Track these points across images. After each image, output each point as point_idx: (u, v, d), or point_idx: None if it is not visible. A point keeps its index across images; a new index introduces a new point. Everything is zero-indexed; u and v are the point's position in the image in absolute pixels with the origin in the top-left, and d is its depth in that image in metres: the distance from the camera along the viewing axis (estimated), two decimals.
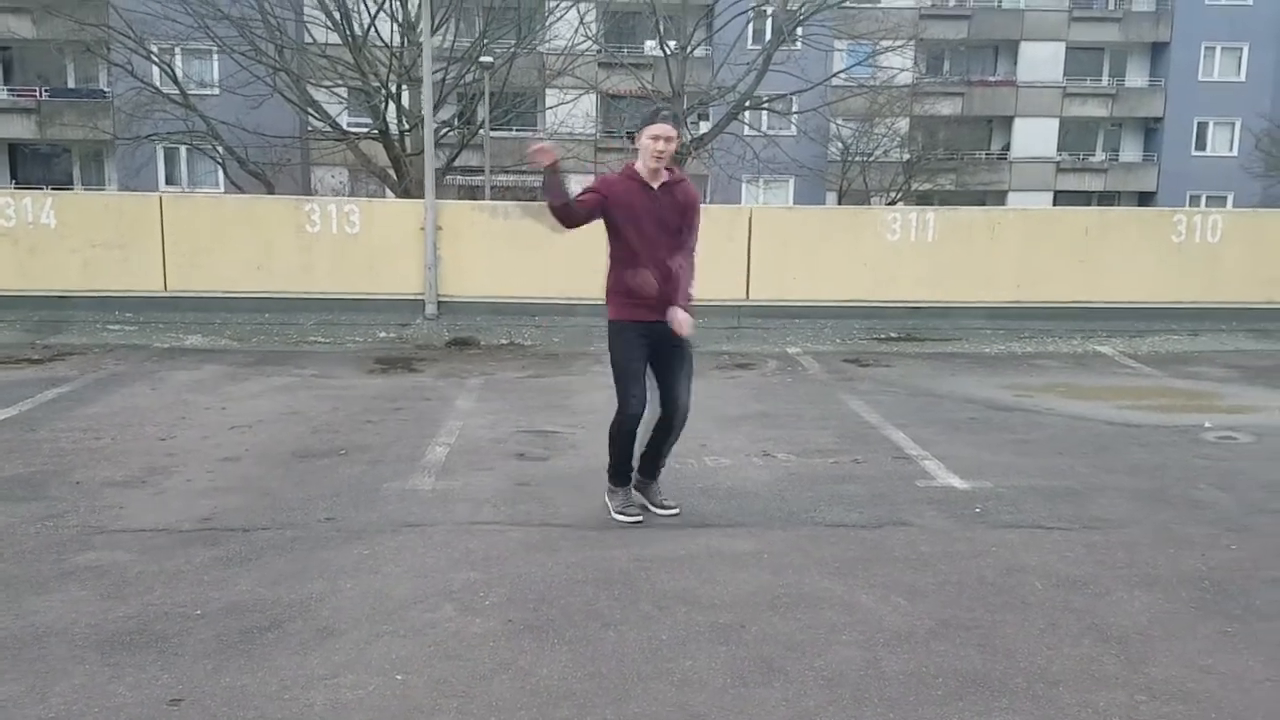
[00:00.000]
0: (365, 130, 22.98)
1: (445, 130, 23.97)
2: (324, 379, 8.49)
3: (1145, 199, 42.05)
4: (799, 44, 25.08)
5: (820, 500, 5.31)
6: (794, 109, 26.99)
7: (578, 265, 10.88)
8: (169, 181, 31.81)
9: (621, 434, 4.90)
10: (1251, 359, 10.00)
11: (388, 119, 21.64)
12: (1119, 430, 7.06)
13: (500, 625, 3.76)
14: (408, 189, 21.46)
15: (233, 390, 7.94)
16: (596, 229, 4.84)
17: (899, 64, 29.76)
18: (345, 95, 23.69)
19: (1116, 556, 4.55)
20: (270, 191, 23.47)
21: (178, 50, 23.75)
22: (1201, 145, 42.96)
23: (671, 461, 5.78)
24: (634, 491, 5.08)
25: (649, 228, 4.73)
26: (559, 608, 3.92)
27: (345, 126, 23.45)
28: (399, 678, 3.36)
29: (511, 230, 10.97)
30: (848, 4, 25.69)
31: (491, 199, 23.83)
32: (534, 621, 3.80)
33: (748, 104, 25.00)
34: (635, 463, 5.04)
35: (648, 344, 4.80)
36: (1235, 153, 41.63)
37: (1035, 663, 3.52)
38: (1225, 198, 39.77)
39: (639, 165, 4.78)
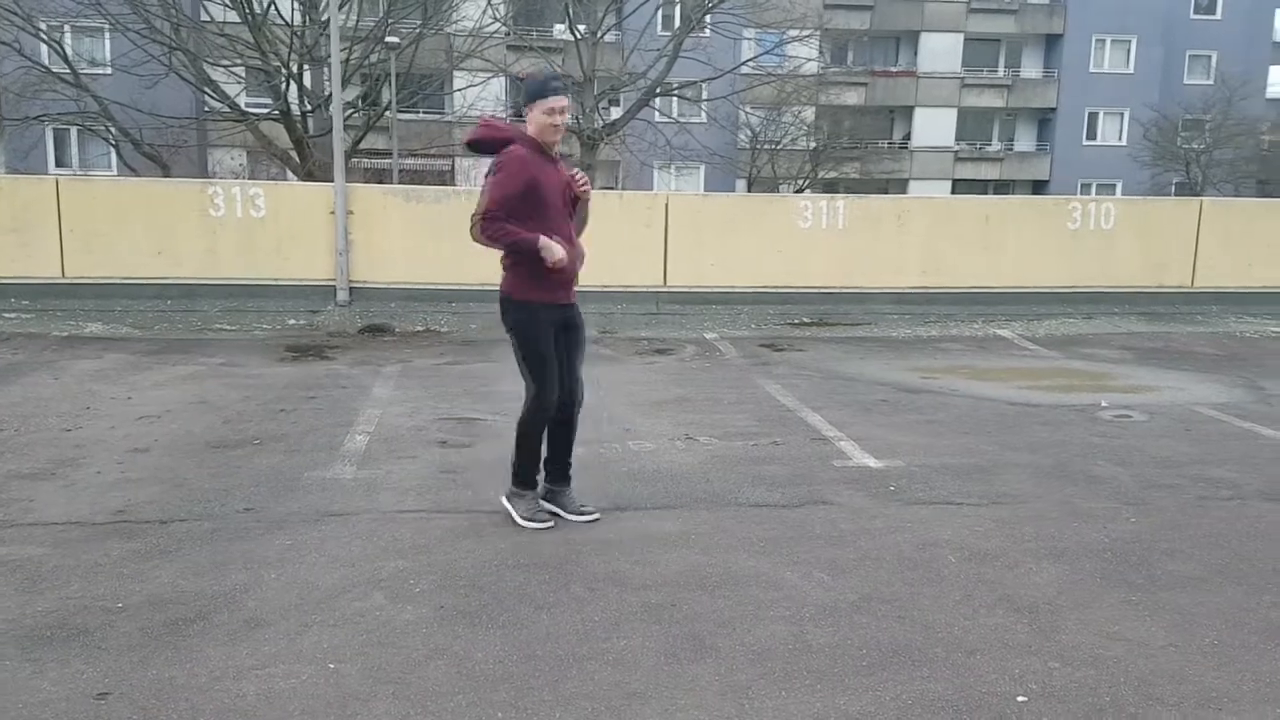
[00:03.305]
0: (266, 111, 22.37)
1: (350, 112, 23.49)
2: (233, 367, 8.30)
3: (1039, 187, 43.53)
4: (708, 31, 25.24)
5: (743, 481, 5.41)
6: (704, 96, 27.19)
7: (496, 251, 10.84)
8: (59, 164, 30.52)
9: (536, 428, 4.62)
10: (1142, 341, 10.47)
11: (289, 100, 21.13)
12: (1020, 410, 7.34)
13: (432, 612, 3.76)
14: (311, 171, 20.97)
15: (138, 380, 7.72)
16: None
17: (806, 54, 30.22)
18: (243, 75, 23.03)
19: (1024, 530, 4.74)
20: (166, 174, 22.71)
21: (67, 28, 22.79)
22: (1092, 135, 44.59)
23: (596, 447, 5.86)
24: (543, 501, 4.77)
25: (556, 201, 4.50)
26: (490, 593, 3.94)
27: (244, 107, 22.80)
28: (332, 666, 3.35)
29: (426, 215, 10.84)
30: None
31: (400, 183, 23.50)
32: (466, 607, 3.81)
33: (659, 90, 25.09)
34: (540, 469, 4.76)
35: (555, 329, 4.58)
36: (1124, 142, 43.29)
37: (952, 633, 3.66)
38: (1114, 185, 41.39)
39: (535, 136, 4.45)
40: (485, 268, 10.78)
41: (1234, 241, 11.99)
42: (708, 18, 25.09)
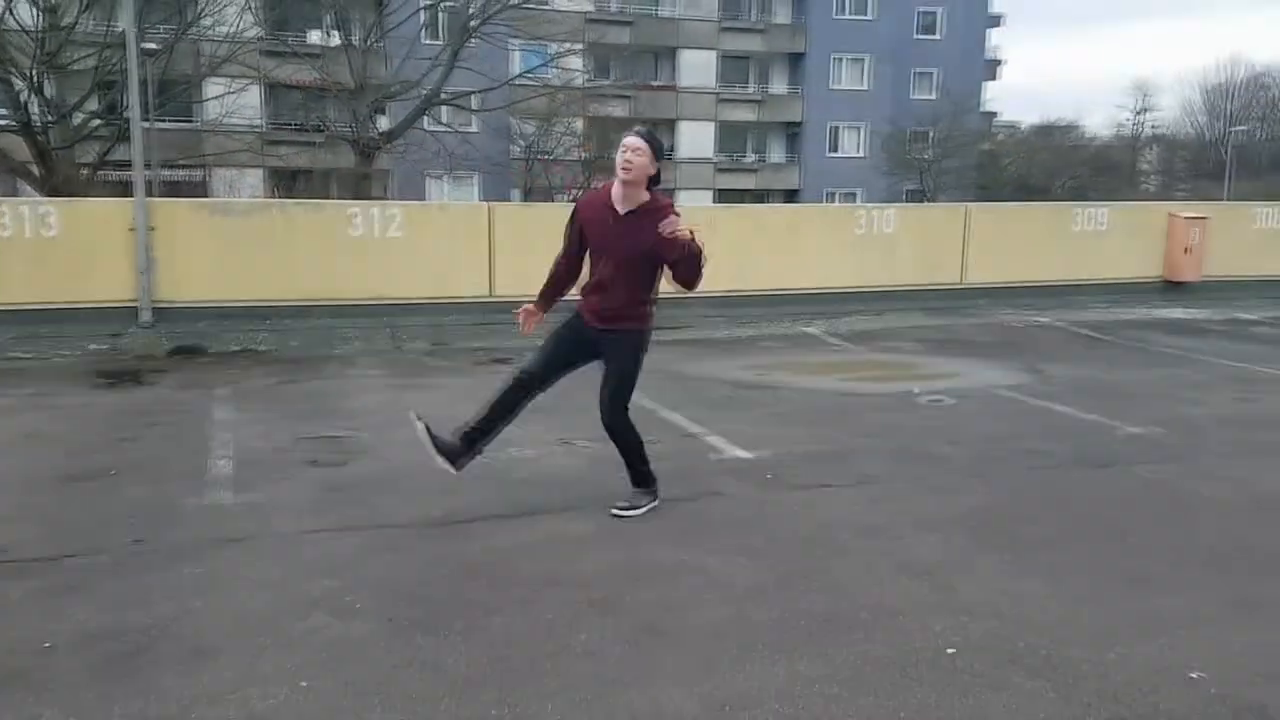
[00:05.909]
0: (3, 123, 20.54)
1: (96, 123, 21.95)
2: (48, 397, 7.70)
3: (790, 196, 46.27)
4: (474, 41, 25.28)
5: None
6: (478, 106, 27.20)
7: (314, 264, 10.53)
8: None
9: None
10: (929, 333, 11.50)
11: (30, 110, 19.54)
12: (850, 399, 7.98)
13: (382, 625, 3.77)
14: (55, 186, 19.53)
15: None
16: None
17: (575, 66, 30.80)
18: None
19: (895, 506, 5.23)
20: None
21: None
22: (835, 147, 47.88)
23: (480, 457, 5.88)
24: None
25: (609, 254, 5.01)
26: (433, 602, 3.98)
27: None
28: (304, 684, 3.32)
29: (237, 229, 10.36)
30: (526, 4, 26.17)
31: (159, 194, 22.13)
32: (415, 618, 3.83)
33: (435, 100, 24.91)
34: None
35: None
36: (863, 153, 46.75)
37: (871, 599, 4.04)
38: (856, 194, 44.58)
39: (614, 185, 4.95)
40: (301, 281, 10.53)
41: (996, 242, 13.37)
42: (480, 28, 25.12)
